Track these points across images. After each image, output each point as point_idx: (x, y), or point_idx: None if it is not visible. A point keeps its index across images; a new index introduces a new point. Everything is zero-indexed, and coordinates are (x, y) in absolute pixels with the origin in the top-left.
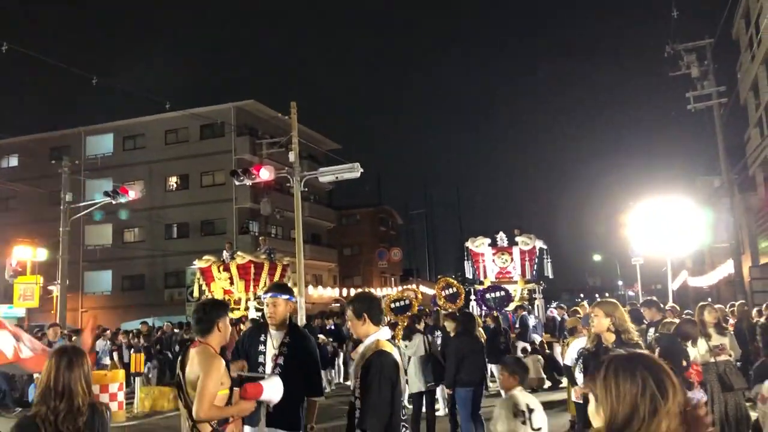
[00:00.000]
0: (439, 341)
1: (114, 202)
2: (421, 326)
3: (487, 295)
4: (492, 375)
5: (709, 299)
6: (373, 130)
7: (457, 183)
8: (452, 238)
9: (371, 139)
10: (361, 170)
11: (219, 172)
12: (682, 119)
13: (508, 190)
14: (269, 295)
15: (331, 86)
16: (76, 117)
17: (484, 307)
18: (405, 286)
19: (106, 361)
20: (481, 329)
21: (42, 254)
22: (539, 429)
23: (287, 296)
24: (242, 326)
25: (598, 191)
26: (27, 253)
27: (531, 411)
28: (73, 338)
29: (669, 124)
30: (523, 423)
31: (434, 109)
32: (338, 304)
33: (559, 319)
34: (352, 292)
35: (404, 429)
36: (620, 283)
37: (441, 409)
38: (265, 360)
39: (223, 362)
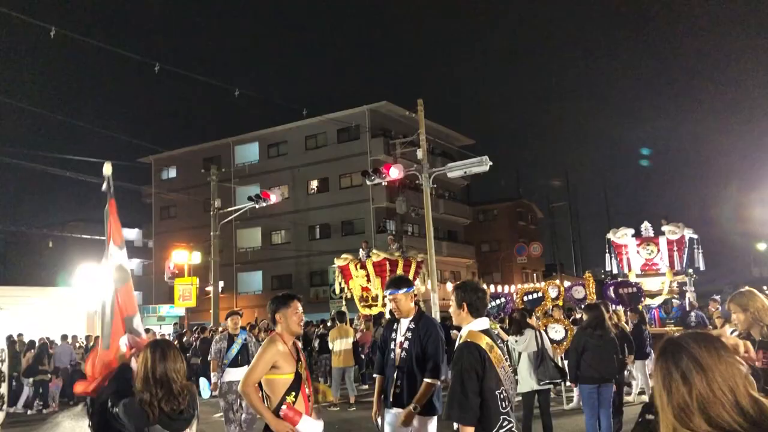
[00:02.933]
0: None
1: (257, 207)
2: (532, 321)
3: (620, 290)
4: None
5: None
6: (512, 123)
7: (602, 172)
8: (599, 230)
9: (510, 132)
10: (490, 163)
11: (356, 174)
12: None
13: (661, 178)
14: (388, 292)
15: (467, 82)
16: (225, 128)
17: (616, 302)
18: (548, 281)
19: None
20: (624, 324)
21: (197, 257)
22: None
23: (405, 289)
24: (383, 321)
25: (762, 174)
26: (183, 256)
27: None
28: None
29: None
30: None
31: (574, 96)
32: None
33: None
34: (492, 288)
35: (506, 422)
36: None
37: (574, 401)
38: (394, 346)
39: (280, 348)
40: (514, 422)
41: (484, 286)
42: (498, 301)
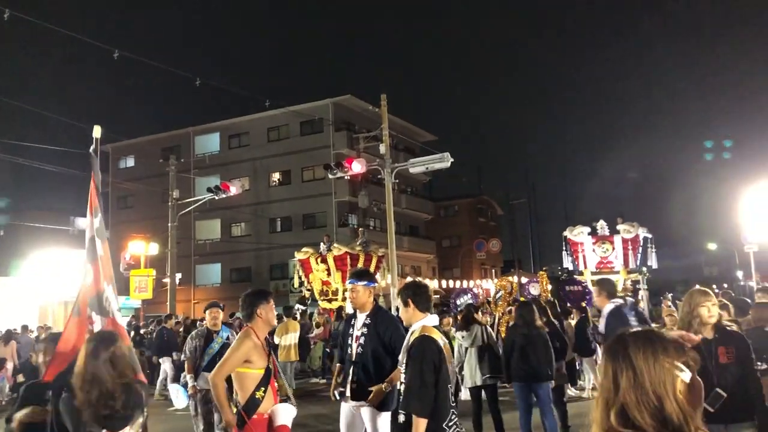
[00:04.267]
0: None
1: (216, 198)
2: (479, 316)
3: (567, 288)
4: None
5: None
6: (474, 120)
7: (561, 171)
8: (557, 228)
9: (472, 129)
10: (452, 160)
11: (318, 167)
12: None
13: (617, 177)
14: (349, 281)
15: (431, 78)
16: (185, 118)
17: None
18: (503, 277)
19: None
20: (570, 322)
21: (154, 248)
22: None
23: (365, 282)
24: (344, 315)
25: (712, 176)
26: (140, 247)
27: None
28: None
29: None
30: None
31: (536, 96)
32: (437, 296)
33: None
34: (451, 284)
35: (453, 416)
36: (740, 273)
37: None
38: (351, 341)
39: (254, 343)
40: (457, 415)
41: (427, 281)
42: (466, 297)
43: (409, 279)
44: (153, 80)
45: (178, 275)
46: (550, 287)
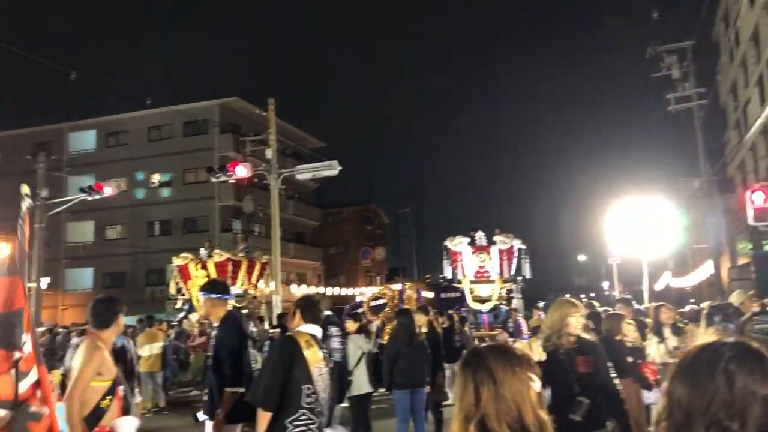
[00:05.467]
0: None
1: (90, 199)
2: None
3: (442, 295)
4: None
5: (692, 300)
6: (364, 130)
7: (445, 183)
8: (441, 238)
9: (361, 138)
10: (339, 168)
11: (202, 169)
12: (663, 121)
13: (496, 190)
14: (200, 293)
15: (322, 86)
16: (58, 113)
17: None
18: (385, 285)
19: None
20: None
21: None
22: None
23: (212, 294)
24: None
25: (582, 192)
26: (2, 249)
27: None
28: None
29: (650, 125)
30: None
31: (423, 110)
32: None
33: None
34: (337, 291)
35: (304, 417)
36: (606, 283)
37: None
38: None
39: (105, 355)
40: (317, 421)
41: (313, 288)
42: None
43: (294, 287)
44: (23, 72)
45: (45, 280)
46: (415, 296)
